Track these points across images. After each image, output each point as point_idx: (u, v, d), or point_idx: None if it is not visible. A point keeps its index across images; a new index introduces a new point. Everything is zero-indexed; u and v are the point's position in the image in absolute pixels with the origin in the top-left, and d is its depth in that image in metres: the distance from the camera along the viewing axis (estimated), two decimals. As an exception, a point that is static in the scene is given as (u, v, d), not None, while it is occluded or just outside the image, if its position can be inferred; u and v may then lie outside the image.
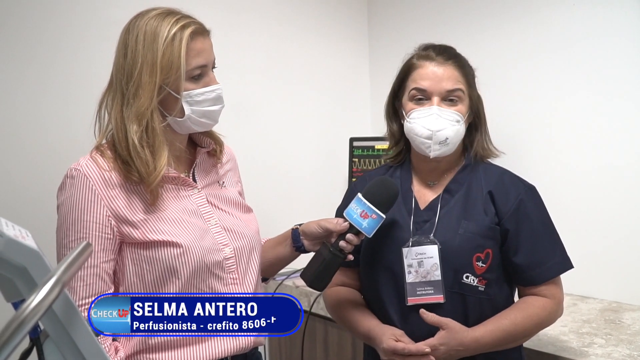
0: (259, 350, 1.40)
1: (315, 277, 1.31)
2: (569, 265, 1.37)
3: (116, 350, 1.19)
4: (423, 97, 1.36)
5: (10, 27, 1.82)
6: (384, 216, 1.29)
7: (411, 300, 1.34)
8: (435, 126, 1.33)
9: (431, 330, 1.28)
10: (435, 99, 1.34)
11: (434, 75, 1.35)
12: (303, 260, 1.40)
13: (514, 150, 2.15)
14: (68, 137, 1.87)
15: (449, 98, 1.35)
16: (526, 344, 1.49)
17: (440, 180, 1.42)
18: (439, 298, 1.32)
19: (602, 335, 1.63)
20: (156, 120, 1.19)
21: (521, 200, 1.35)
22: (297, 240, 1.40)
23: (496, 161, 1.46)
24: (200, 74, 1.23)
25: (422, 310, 1.28)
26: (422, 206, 1.40)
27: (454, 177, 1.40)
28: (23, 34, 1.84)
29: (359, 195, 1.31)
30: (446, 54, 1.38)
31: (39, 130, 1.87)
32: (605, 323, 1.73)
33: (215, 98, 1.26)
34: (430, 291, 1.32)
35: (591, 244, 1.98)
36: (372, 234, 1.29)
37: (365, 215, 1.28)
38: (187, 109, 1.22)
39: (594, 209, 1.98)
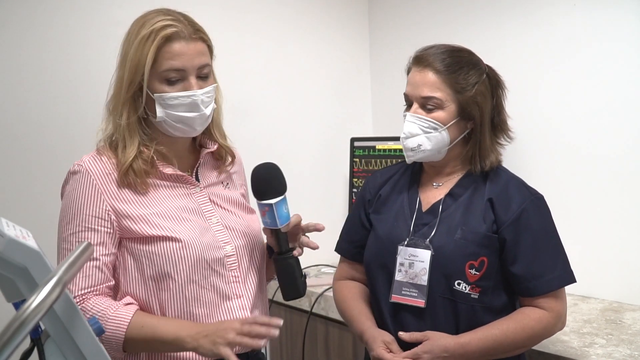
0: (262, 351, 1.40)
1: (286, 289, 1.29)
2: (571, 280, 1.34)
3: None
4: (408, 102, 1.37)
5: (14, 26, 1.82)
6: (272, 202, 1.23)
7: (394, 298, 1.35)
8: (405, 132, 1.35)
9: (420, 329, 1.30)
10: (414, 105, 1.35)
11: (414, 80, 1.35)
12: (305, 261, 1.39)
13: (515, 149, 2.15)
14: (69, 136, 1.87)
15: (426, 105, 1.33)
16: (527, 344, 1.49)
17: (445, 183, 1.41)
18: (420, 302, 1.32)
19: (603, 335, 1.63)
20: (125, 114, 1.21)
21: (524, 210, 1.31)
22: (270, 251, 1.39)
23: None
24: (179, 78, 1.20)
25: (400, 333, 1.30)
26: (425, 207, 1.40)
27: (459, 180, 1.39)
28: (25, 34, 1.84)
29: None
30: (429, 58, 1.33)
31: (39, 130, 1.87)
32: (606, 323, 1.73)
33: (191, 104, 1.21)
34: (414, 294, 1.33)
35: (592, 244, 1.98)
36: (280, 225, 1.24)
37: (263, 213, 1.26)
38: (159, 111, 1.21)
39: (595, 208, 1.98)
